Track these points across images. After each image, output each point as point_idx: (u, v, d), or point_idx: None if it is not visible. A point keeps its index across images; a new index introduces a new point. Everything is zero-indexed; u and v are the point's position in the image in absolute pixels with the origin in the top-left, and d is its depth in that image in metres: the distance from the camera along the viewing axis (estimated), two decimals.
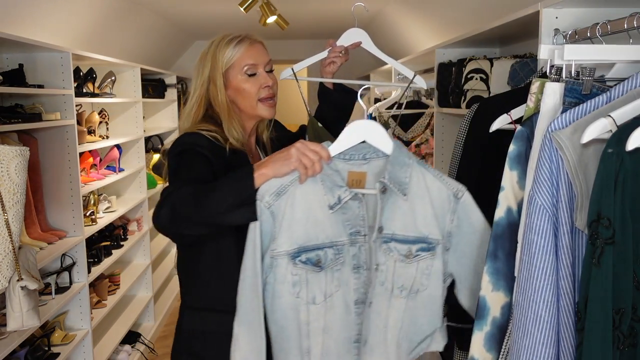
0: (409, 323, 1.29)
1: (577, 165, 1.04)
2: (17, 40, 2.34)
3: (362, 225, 1.24)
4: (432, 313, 1.30)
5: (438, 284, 1.28)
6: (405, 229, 1.25)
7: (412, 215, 1.25)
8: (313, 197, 1.23)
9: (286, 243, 1.23)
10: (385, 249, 1.26)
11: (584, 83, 1.15)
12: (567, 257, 1.08)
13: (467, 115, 1.64)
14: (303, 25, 5.09)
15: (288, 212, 1.22)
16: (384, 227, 1.25)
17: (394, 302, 1.27)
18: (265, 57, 1.54)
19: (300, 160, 1.20)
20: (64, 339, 2.75)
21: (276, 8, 3.62)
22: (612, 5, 1.42)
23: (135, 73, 4.01)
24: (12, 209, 1.93)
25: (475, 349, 1.34)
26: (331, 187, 1.23)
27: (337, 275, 1.25)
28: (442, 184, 1.26)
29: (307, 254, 1.23)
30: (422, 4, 3.68)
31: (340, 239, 1.24)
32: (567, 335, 1.09)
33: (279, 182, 1.23)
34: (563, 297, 1.09)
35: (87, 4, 3.30)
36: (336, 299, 1.26)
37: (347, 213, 1.24)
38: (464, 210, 1.27)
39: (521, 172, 1.28)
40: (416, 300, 1.28)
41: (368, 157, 1.28)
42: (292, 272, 1.23)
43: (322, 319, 1.26)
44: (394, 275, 1.26)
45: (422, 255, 1.26)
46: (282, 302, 1.25)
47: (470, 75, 2.32)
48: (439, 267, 1.28)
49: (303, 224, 1.23)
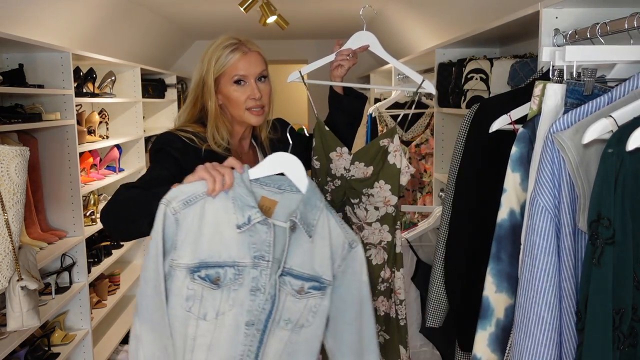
0: (288, 355, 1.31)
1: (579, 167, 1.04)
2: (17, 40, 2.34)
3: (267, 251, 1.25)
4: (311, 349, 1.33)
5: (322, 322, 1.32)
6: (302, 266, 1.29)
7: (311, 254, 1.29)
8: (223, 214, 1.23)
9: (188, 256, 1.22)
10: (280, 282, 1.28)
11: (585, 84, 1.15)
12: (569, 258, 1.08)
13: (467, 116, 1.64)
14: (303, 25, 5.09)
15: (195, 225, 1.22)
16: (284, 261, 1.28)
17: (278, 333, 1.30)
18: (258, 68, 1.53)
19: (208, 172, 1.21)
20: (64, 339, 2.75)
21: (276, 8, 3.62)
22: (612, 5, 1.42)
23: (135, 73, 4.01)
24: (12, 209, 1.93)
25: (478, 348, 1.34)
26: (242, 206, 1.23)
27: (233, 295, 1.25)
28: (341, 231, 1.32)
29: (207, 270, 1.23)
30: (422, 4, 3.68)
31: (243, 260, 1.25)
32: (569, 336, 1.09)
33: (190, 192, 1.22)
34: (565, 299, 1.09)
35: (87, 4, 3.30)
36: (227, 317, 1.26)
37: (254, 236, 1.25)
38: (352, 259, 1.33)
39: (523, 174, 1.28)
40: (299, 335, 1.31)
41: (283, 189, 1.31)
42: (189, 287, 1.23)
43: (210, 335, 1.26)
44: (284, 308, 1.29)
45: (312, 293, 1.29)
46: (172, 314, 1.24)
47: (470, 75, 2.32)
48: (326, 306, 1.32)
49: (208, 239, 1.23)
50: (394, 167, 1.64)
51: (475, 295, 1.40)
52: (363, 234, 1.70)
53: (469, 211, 1.58)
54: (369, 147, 1.66)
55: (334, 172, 1.66)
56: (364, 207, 1.67)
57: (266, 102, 1.55)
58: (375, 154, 1.64)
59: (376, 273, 1.70)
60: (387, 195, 1.65)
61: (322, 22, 5.03)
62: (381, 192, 1.65)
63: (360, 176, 1.65)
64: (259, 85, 1.53)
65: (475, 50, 2.66)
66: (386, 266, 1.70)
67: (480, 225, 1.47)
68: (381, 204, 1.66)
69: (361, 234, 1.70)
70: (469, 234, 1.57)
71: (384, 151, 1.64)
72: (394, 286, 1.72)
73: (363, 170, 1.64)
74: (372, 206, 1.67)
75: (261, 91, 1.53)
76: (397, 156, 1.64)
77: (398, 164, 1.64)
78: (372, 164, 1.64)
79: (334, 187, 1.68)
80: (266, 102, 1.55)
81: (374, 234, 1.69)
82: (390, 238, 1.69)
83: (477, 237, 1.48)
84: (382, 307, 1.72)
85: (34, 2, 2.76)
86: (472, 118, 1.60)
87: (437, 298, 1.77)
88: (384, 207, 1.67)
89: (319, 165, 1.67)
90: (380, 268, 1.70)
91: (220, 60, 1.50)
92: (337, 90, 1.74)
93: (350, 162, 1.65)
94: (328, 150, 1.66)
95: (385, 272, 1.70)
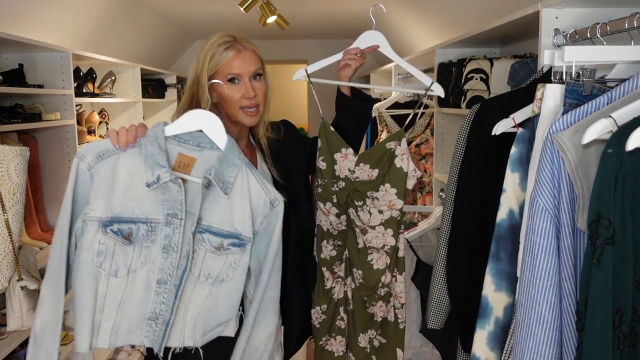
0: (209, 309, 1.34)
1: (578, 167, 1.04)
2: (17, 40, 2.34)
3: (179, 209, 1.28)
4: (232, 302, 1.36)
5: (242, 277, 1.36)
6: (221, 224, 1.31)
7: (230, 212, 1.31)
8: (136, 171, 1.27)
9: (100, 209, 1.24)
10: (199, 239, 1.31)
11: (585, 84, 1.15)
12: (569, 258, 1.08)
13: (467, 116, 1.64)
14: (303, 25, 5.09)
15: (108, 178, 1.25)
16: (202, 218, 1.30)
17: (199, 287, 1.33)
18: (252, 66, 1.51)
19: (113, 131, 1.27)
20: (64, 339, 2.75)
21: (276, 8, 3.62)
22: (612, 5, 1.42)
23: (135, 73, 4.01)
24: (12, 209, 1.93)
25: (477, 346, 1.36)
26: (153, 165, 1.26)
27: (145, 252, 1.28)
28: (262, 189, 1.35)
29: (120, 225, 1.25)
30: (422, 4, 3.68)
31: (156, 217, 1.28)
32: (569, 335, 1.10)
33: (104, 146, 1.26)
34: (565, 298, 1.09)
35: (87, 4, 3.30)
36: (139, 275, 1.29)
37: (166, 194, 1.27)
38: (275, 217, 1.37)
39: (523, 174, 1.28)
40: (220, 289, 1.34)
41: (202, 146, 1.34)
42: (100, 241, 1.25)
43: (121, 293, 1.29)
44: (203, 263, 1.32)
45: (232, 250, 1.33)
46: (83, 270, 1.26)
47: (470, 75, 2.32)
48: (245, 262, 1.35)
49: (122, 195, 1.25)
50: (401, 171, 1.61)
51: (477, 295, 1.40)
52: (366, 237, 1.66)
53: (470, 212, 1.57)
54: (375, 150, 1.63)
55: (338, 174, 1.64)
56: (367, 210, 1.64)
57: (261, 101, 1.53)
58: (381, 157, 1.61)
59: (376, 278, 1.67)
60: (393, 199, 1.62)
61: (322, 22, 5.03)
62: (386, 196, 1.62)
63: (365, 178, 1.62)
64: (253, 84, 1.51)
65: (475, 50, 2.67)
66: (387, 271, 1.68)
67: (481, 226, 1.47)
68: (385, 207, 1.63)
69: (364, 237, 1.66)
70: (471, 235, 1.56)
71: (391, 154, 1.61)
72: (394, 290, 1.69)
73: (368, 173, 1.61)
74: (376, 209, 1.64)
75: (255, 90, 1.51)
76: (404, 160, 1.61)
77: (405, 167, 1.61)
78: (378, 166, 1.61)
79: (338, 188, 1.65)
80: (261, 101, 1.53)
81: (377, 237, 1.66)
82: (393, 242, 1.66)
83: (478, 237, 1.48)
84: (379, 313, 1.70)
85: (34, 2, 2.76)
86: (473, 118, 1.60)
87: (438, 299, 1.77)
88: (389, 211, 1.63)
89: (325, 166, 1.64)
90: (382, 273, 1.67)
91: (215, 58, 1.49)
92: (344, 92, 1.70)
93: (355, 164, 1.62)
94: (333, 151, 1.63)
95: (386, 277, 1.68)
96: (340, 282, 1.74)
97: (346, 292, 1.74)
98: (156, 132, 1.29)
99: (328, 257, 1.71)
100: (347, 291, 1.73)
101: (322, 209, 1.67)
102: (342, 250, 1.71)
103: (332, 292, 1.73)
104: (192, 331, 1.35)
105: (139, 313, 1.31)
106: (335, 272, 1.72)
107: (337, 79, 1.68)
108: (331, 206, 1.66)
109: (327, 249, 1.71)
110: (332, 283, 1.73)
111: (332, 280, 1.73)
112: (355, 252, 1.68)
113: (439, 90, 1.66)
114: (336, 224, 1.68)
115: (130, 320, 1.31)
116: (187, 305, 1.33)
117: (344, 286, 1.74)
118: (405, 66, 1.73)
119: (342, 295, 1.75)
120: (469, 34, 2.25)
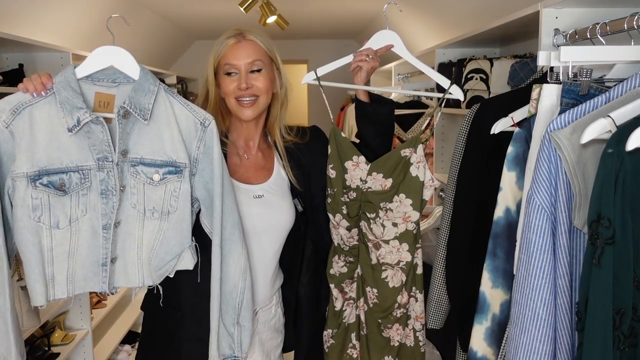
0: (161, 243, 1.34)
1: (575, 165, 1.05)
2: (17, 40, 2.34)
3: (108, 151, 1.26)
4: (182, 233, 1.35)
5: (187, 205, 1.34)
6: (152, 153, 1.30)
7: (159, 140, 1.30)
8: (56, 120, 1.24)
9: (25, 165, 1.22)
10: (133, 173, 1.30)
11: (581, 84, 1.15)
12: (564, 256, 1.09)
13: (467, 116, 1.63)
14: (303, 25, 5.09)
15: (27, 132, 1.22)
16: (130, 151, 1.29)
17: (147, 224, 1.33)
18: (249, 57, 1.45)
19: (21, 84, 1.24)
20: (64, 339, 2.75)
21: (276, 8, 3.62)
22: (612, 5, 1.42)
23: None
24: None
25: (475, 342, 1.38)
26: (70, 109, 1.23)
27: (84, 200, 1.27)
28: (189, 112, 1.32)
29: (50, 177, 1.24)
30: (422, 4, 3.68)
31: (86, 163, 1.26)
32: (564, 332, 1.11)
33: (15, 101, 1.23)
34: (560, 296, 1.10)
35: (87, 4, 3.30)
36: (82, 223, 1.28)
37: (91, 137, 1.26)
38: (210, 138, 1.34)
39: (519, 173, 1.29)
40: (168, 222, 1.33)
41: (118, 82, 1.32)
42: (33, 196, 1.23)
43: (67, 243, 1.28)
44: (145, 197, 1.31)
45: (169, 178, 1.31)
46: (21, 227, 1.24)
47: (470, 75, 2.32)
48: (187, 189, 1.33)
49: (45, 146, 1.23)
50: (417, 180, 1.50)
51: (476, 295, 1.41)
52: (379, 253, 1.55)
53: (469, 212, 1.57)
54: (389, 157, 1.52)
55: (348, 183, 1.53)
56: (380, 223, 1.53)
57: (260, 93, 1.47)
58: (395, 165, 1.50)
59: (392, 297, 1.57)
60: (408, 211, 1.51)
61: (322, 22, 5.03)
62: (401, 207, 1.51)
63: (377, 188, 1.51)
64: (250, 76, 1.45)
65: (475, 50, 2.66)
66: (404, 290, 1.57)
67: (481, 226, 1.47)
68: (400, 220, 1.52)
69: (377, 252, 1.56)
70: (470, 234, 1.56)
71: (406, 162, 1.50)
72: (414, 311, 1.59)
73: (381, 182, 1.51)
74: (390, 222, 1.53)
75: (251, 81, 1.45)
76: (420, 167, 1.50)
77: (421, 176, 1.50)
78: (392, 175, 1.50)
79: (348, 199, 1.54)
80: (260, 93, 1.47)
81: (391, 252, 1.55)
82: (409, 258, 1.55)
83: (478, 237, 1.48)
84: (396, 337, 1.60)
85: (34, 2, 2.76)
86: (473, 118, 1.60)
87: (438, 299, 1.77)
88: (404, 224, 1.53)
89: (335, 174, 1.54)
90: (397, 292, 1.57)
91: (217, 48, 1.47)
92: (361, 98, 1.57)
93: (367, 173, 1.51)
94: (344, 158, 1.52)
95: (403, 297, 1.57)
96: (352, 304, 1.64)
97: (359, 316, 1.63)
98: (66, 76, 1.27)
99: (337, 273, 1.61)
100: (360, 314, 1.63)
101: (332, 222, 1.58)
102: (353, 267, 1.61)
103: (342, 316, 1.64)
104: (148, 268, 1.35)
105: (91, 260, 1.31)
106: (345, 291, 1.63)
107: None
108: (341, 218, 1.56)
109: (338, 264, 1.61)
110: (343, 305, 1.64)
111: (342, 302, 1.63)
112: (368, 268, 1.58)
113: (458, 93, 1.57)
114: (347, 238, 1.58)
115: (84, 268, 1.31)
116: (140, 245, 1.33)
117: (356, 309, 1.63)
118: (421, 67, 1.63)
119: (353, 319, 1.64)
120: (469, 34, 2.25)
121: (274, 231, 1.53)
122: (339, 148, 1.53)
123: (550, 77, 1.26)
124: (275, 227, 1.53)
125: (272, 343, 1.63)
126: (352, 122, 3.82)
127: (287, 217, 1.54)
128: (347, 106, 4.47)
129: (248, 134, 1.56)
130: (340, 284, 1.62)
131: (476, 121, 1.58)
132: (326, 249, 1.64)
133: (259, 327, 1.57)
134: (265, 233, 1.52)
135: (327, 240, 1.64)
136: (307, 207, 1.58)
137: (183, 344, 1.49)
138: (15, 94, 1.25)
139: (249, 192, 1.51)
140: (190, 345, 1.49)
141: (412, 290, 1.60)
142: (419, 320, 1.61)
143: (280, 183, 1.56)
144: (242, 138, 1.56)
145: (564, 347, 1.11)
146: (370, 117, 1.56)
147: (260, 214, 1.50)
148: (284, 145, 1.57)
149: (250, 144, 1.57)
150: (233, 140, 1.55)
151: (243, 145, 1.56)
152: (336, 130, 1.55)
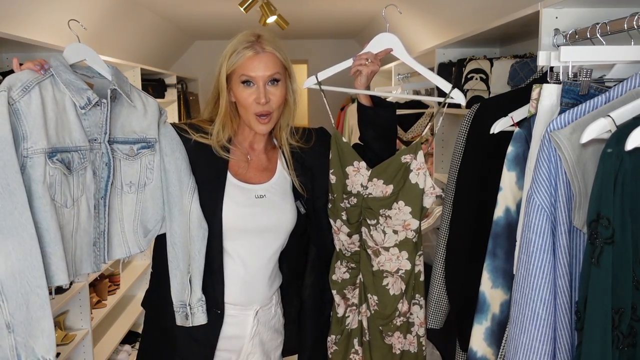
0: (142, 213, 1.45)
1: (575, 165, 1.05)
2: (17, 40, 2.34)
3: (98, 132, 1.35)
4: (157, 201, 1.46)
5: (159, 176, 1.46)
6: (127, 133, 1.41)
7: (128, 120, 1.41)
8: (61, 99, 1.30)
9: (42, 141, 1.24)
10: (111, 150, 1.38)
11: (581, 84, 1.15)
12: (564, 256, 1.09)
13: (467, 116, 1.64)
14: (303, 25, 5.09)
15: (40, 108, 1.25)
16: (111, 132, 1.38)
17: (125, 198, 1.42)
18: (268, 71, 1.45)
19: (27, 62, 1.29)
20: (64, 339, 2.75)
21: (276, 8, 3.63)
22: (612, 5, 1.42)
23: (135, 73, 4.01)
24: None
25: (474, 342, 1.38)
26: (78, 90, 1.30)
27: (82, 180, 1.33)
28: (151, 99, 1.46)
29: (61, 155, 1.28)
30: (422, 4, 3.68)
31: (83, 144, 1.33)
32: (563, 332, 1.11)
33: (25, 78, 1.25)
34: (560, 296, 1.10)
35: (87, 4, 3.30)
36: (81, 204, 1.34)
37: (88, 119, 1.33)
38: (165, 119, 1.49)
39: (519, 173, 1.29)
40: (145, 194, 1.44)
41: (93, 74, 1.42)
42: (50, 172, 1.26)
43: (72, 223, 1.32)
44: (122, 173, 1.41)
45: (143, 152, 1.43)
46: (44, 203, 1.24)
47: (470, 75, 2.33)
48: (158, 161, 1.45)
49: (54, 125, 1.27)
50: (416, 187, 1.48)
51: (476, 295, 1.41)
52: (379, 260, 1.54)
53: (469, 212, 1.57)
54: (389, 163, 1.49)
55: (349, 189, 1.52)
56: (381, 230, 1.51)
57: (274, 108, 1.47)
58: (395, 171, 1.48)
59: (393, 305, 1.56)
60: (407, 219, 1.50)
61: (322, 22, 5.03)
62: (400, 215, 1.49)
63: (378, 195, 1.50)
64: (268, 89, 1.45)
65: (475, 50, 2.67)
66: (404, 298, 1.56)
67: (481, 226, 1.47)
68: (400, 227, 1.50)
69: (377, 259, 1.55)
70: (470, 234, 1.56)
71: (406, 168, 1.48)
72: (418, 318, 1.59)
73: (382, 189, 1.49)
74: (391, 229, 1.51)
75: (269, 95, 1.45)
76: (420, 175, 1.48)
77: (421, 183, 1.48)
78: (393, 182, 1.48)
79: (349, 205, 1.53)
80: (274, 108, 1.47)
81: (390, 260, 1.53)
82: (409, 266, 1.54)
83: (478, 237, 1.48)
84: (397, 345, 1.59)
85: (34, 2, 2.76)
86: (473, 118, 1.61)
87: (437, 299, 1.77)
88: (403, 232, 1.50)
89: (335, 179, 1.53)
90: (398, 300, 1.56)
91: (233, 57, 1.45)
92: (363, 102, 1.55)
93: (368, 179, 1.49)
94: (345, 164, 1.51)
95: (403, 305, 1.56)
96: (354, 310, 1.62)
97: (361, 322, 1.63)
98: (61, 61, 1.33)
99: (340, 279, 1.61)
100: (362, 320, 1.62)
101: (333, 227, 1.58)
102: (355, 274, 1.60)
103: (345, 322, 1.63)
104: (134, 237, 1.44)
105: (86, 241, 1.36)
106: (347, 297, 1.62)
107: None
108: (341, 224, 1.56)
109: (340, 270, 1.61)
110: (345, 311, 1.63)
111: (345, 308, 1.62)
112: (369, 275, 1.57)
113: (459, 97, 1.54)
114: (348, 244, 1.58)
115: (82, 249, 1.36)
116: (121, 219, 1.42)
117: (359, 315, 1.62)
118: (421, 70, 1.60)
119: (356, 325, 1.63)
120: (469, 34, 2.25)
121: (274, 231, 1.54)
122: (339, 153, 1.52)
123: (550, 77, 1.27)
124: (276, 227, 1.54)
125: (273, 344, 1.63)
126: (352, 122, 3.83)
127: (288, 218, 1.54)
128: (347, 106, 4.46)
129: (254, 139, 1.57)
130: (342, 290, 1.62)
131: (476, 121, 1.58)
132: (329, 253, 1.64)
133: (259, 328, 1.57)
134: (266, 232, 1.53)
135: (330, 244, 1.63)
136: (310, 210, 1.58)
137: (180, 341, 1.52)
138: (23, 71, 1.28)
139: (251, 192, 1.51)
140: (186, 343, 1.51)
141: (416, 297, 1.58)
142: (422, 326, 1.60)
143: (282, 184, 1.57)
144: (248, 141, 1.57)
145: (564, 347, 1.11)
146: (372, 120, 1.55)
147: (262, 214, 1.51)
148: (290, 150, 1.57)
149: (255, 146, 1.58)
150: (238, 142, 1.56)
151: (247, 146, 1.57)
152: (337, 136, 1.54)
